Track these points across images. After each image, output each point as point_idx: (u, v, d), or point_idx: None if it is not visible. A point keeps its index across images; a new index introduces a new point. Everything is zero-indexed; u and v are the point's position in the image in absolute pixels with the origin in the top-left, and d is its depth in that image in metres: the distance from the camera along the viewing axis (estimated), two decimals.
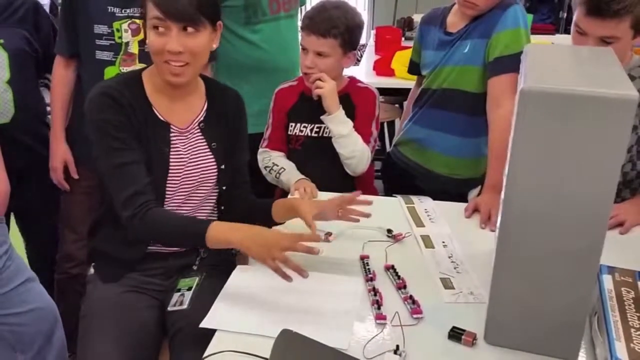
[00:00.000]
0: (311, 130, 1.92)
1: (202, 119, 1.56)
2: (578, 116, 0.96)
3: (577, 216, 1.01)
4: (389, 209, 1.75)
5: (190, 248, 1.56)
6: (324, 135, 1.90)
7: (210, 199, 1.59)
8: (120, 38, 1.92)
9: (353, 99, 1.91)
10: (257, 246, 1.29)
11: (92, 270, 1.60)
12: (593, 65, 1.15)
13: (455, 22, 1.97)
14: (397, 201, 1.80)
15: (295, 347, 1.06)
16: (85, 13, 1.93)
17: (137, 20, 1.91)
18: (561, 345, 1.11)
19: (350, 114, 1.86)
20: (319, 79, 1.81)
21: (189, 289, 1.50)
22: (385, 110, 3.53)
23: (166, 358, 1.46)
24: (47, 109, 2.15)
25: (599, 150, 0.97)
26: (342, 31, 1.80)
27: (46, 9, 2.27)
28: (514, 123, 1.01)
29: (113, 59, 1.94)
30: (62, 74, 2.04)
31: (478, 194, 1.93)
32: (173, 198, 1.51)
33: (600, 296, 1.16)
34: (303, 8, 2.61)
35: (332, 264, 1.45)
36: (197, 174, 1.54)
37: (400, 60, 3.14)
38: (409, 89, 2.31)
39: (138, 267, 1.54)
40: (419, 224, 1.65)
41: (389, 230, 1.59)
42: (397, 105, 3.70)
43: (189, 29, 1.41)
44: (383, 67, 3.31)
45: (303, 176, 1.85)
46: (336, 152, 1.86)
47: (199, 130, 1.55)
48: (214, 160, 1.56)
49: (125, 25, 1.92)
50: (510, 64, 1.77)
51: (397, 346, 1.13)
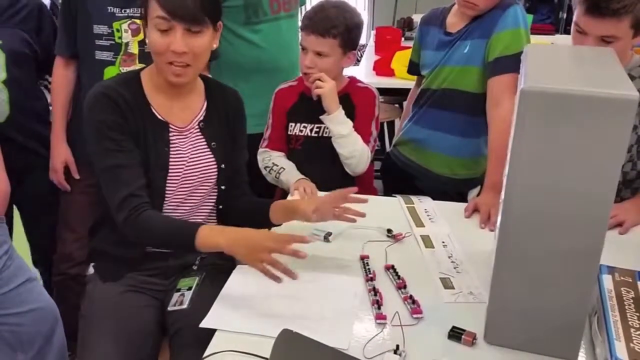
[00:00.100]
0: (311, 130, 1.92)
1: (202, 118, 1.56)
2: (578, 116, 0.96)
3: (577, 216, 1.01)
4: (388, 209, 1.75)
5: (181, 251, 1.54)
6: (324, 135, 1.90)
7: (209, 199, 1.59)
8: (120, 38, 1.92)
9: (353, 99, 1.91)
10: (244, 249, 1.30)
11: (92, 270, 1.59)
12: (593, 65, 1.15)
13: (455, 23, 1.97)
14: (397, 201, 1.80)
15: (295, 347, 1.06)
16: (85, 13, 1.93)
17: (137, 21, 1.91)
18: (561, 345, 1.11)
19: (350, 114, 1.86)
20: (319, 79, 1.81)
21: (189, 288, 1.50)
22: (385, 110, 3.53)
23: (166, 358, 1.46)
24: (50, 108, 2.15)
25: (599, 150, 0.97)
26: (342, 31, 1.80)
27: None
28: (514, 123, 1.01)
29: (113, 59, 1.93)
30: (62, 74, 2.04)
31: (478, 194, 1.93)
32: (173, 198, 1.51)
33: (600, 296, 1.16)
34: (303, 8, 2.61)
35: (332, 264, 1.46)
36: (197, 174, 1.54)
37: (400, 60, 3.14)
38: (408, 89, 2.31)
39: (138, 267, 1.54)
40: (419, 224, 1.65)
41: (389, 230, 1.59)
42: (397, 105, 3.70)
43: (193, 29, 1.41)
44: (383, 67, 3.31)
45: (303, 176, 1.85)
46: (336, 152, 1.86)
47: (198, 130, 1.55)
48: (213, 159, 1.56)
49: (125, 26, 1.92)
50: (510, 64, 1.77)
51: (397, 346, 1.13)
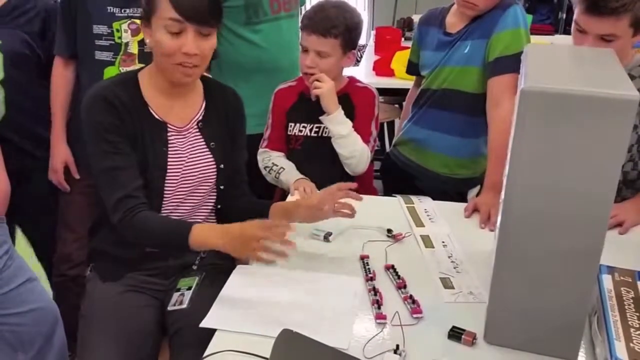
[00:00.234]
0: (310, 130, 1.92)
1: (201, 118, 1.56)
2: (578, 116, 0.96)
3: (577, 216, 1.01)
4: (388, 209, 1.75)
5: (176, 251, 1.54)
6: (324, 135, 1.90)
7: (209, 199, 1.59)
8: (120, 38, 1.92)
9: (352, 98, 1.91)
10: (236, 243, 1.32)
11: (91, 270, 1.59)
12: (593, 65, 1.16)
13: (454, 23, 1.97)
14: (397, 201, 1.80)
15: (295, 347, 1.06)
16: (85, 13, 1.92)
17: (137, 21, 1.90)
18: (561, 345, 1.11)
19: (349, 113, 1.86)
20: (317, 79, 1.81)
21: (189, 288, 1.50)
22: (385, 110, 3.53)
23: (166, 357, 1.46)
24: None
25: (599, 150, 0.97)
26: (342, 31, 1.80)
27: None
28: (514, 123, 1.01)
29: (113, 59, 1.93)
30: (62, 74, 2.03)
31: (477, 194, 1.93)
32: (172, 198, 1.51)
33: (600, 296, 1.17)
34: (303, 8, 2.60)
35: (332, 264, 1.46)
36: (196, 174, 1.53)
37: (400, 60, 3.14)
38: (408, 89, 2.30)
39: (138, 267, 1.54)
40: (419, 223, 1.65)
41: (389, 230, 1.59)
42: (397, 105, 3.70)
43: (204, 32, 1.42)
44: (383, 68, 3.31)
45: (302, 176, 1.85)
46: (336, 152, 1.86)
47: (197, 130, 1.55)
48: (212, 159, 1.56)
49: (125, 26, 1.92)
50: (510, 64, 1.77)
51: (397, 346, 1.13)
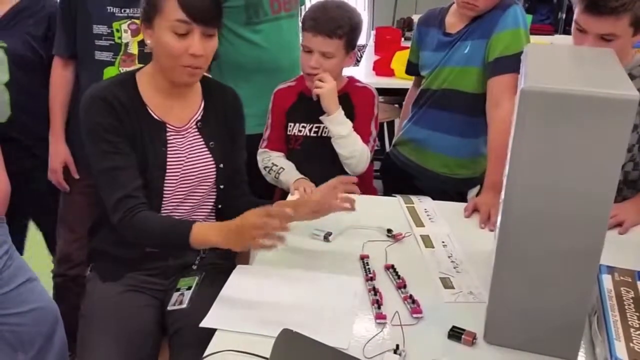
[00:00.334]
0: (310, 130, 1.92)
1: (199, 118, 1.56)
2: (578, 116, 0.96)
3: (577, 216, 1.01)
4: (388, 209, 1.75)
5: (176, 251, 1.55)
6: (323, 135, 1.90)
7: (209, 199, 1.59)
8: (120, 38, 1.92)
9: (352, 98, 1.91)
10: (234, 237, 1.31)
11: (91, 270, 1.59)
12: (593, 65, 1.16)
13: (454, 23, 1.97)
14: (397, 201, 1.80)
15: (295, 347, 1.06)
16: (85, 13, 1.92)
17: (137, 21, 1.90)
18: (561, 345, 1.11)
19: (349, 113, 1.86)
20: (320, 79, 1.81)
21: (189, 288, 1.50)
22: (385, 110, 3.53)
23: (166, 357, 1.46)
24: None
25: (599, 150, 0.97)
26: (347, 31, 1.80)
27: None
28: (514, 123, 1.01)
29: (112, 60, 1.93)
30: (61, 74, 2.03)
31: (477, 194, 1.93)
32: (172, 198, 1.51)
33: (599, 296, 1.17)
34: (302, 8, 2.60)
35: (332, 264, 1.46)
36: (195, 174, 1.54)
37: (400, 60, 3.14)
38: (408, 89, 2.31)
39: (138, 267, 1.54)
40: (419, 223, 1.65)
41: (389, 230, 1.59)
42: (397, 105, 3.70)
43: (209, 33, 1.42)
44: (383, 68, 3.31)
45: (302, 176, 1.84)
46: (335, 152, 1.86)
47: (196, 130, 1.55)
48: (212, 159, 1.56)
49: (125, 26, 1.91)
50: (510, 64, 1.78)
51: (397, 346, 1.13)
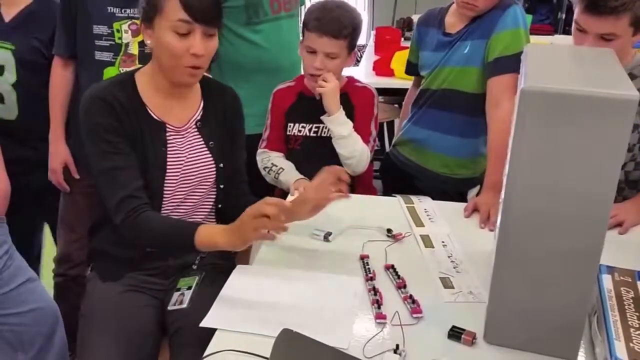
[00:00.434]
0: (310, 130, 1.92)
1: (199, 118, 1.56)
2: (578, 116, 0.96)
3: (577, 216, 1.01)
4: (388, 209, 1.75)
5: (181, 252, 1.55)
6: (323, 135, 1.90)
7: (209, 199, 1.59)
8: (120, 39, 1.92)
9: (352, 98, 1.90)
10: (237, 235, 1.29)
11: (91, 270, 1.59)
12: (593, 65, 1.16)
13: (454, 23, 1.97)
14: (397, 201, 1.80)
15: (295, 347, 1.06)
16: (85, 13, 1.92)
17: (138, 21, 1.90)
18: (561, 345, 1.11)
19: (349, 113, 1.86)
20: (324, 79, 1.81)
21: (189, 288, 1.50)
22: (385, 110, 3.53)
23: (166, 357, 1.46)
24: None
25: (599, 150, 0.97)
26: (351, 31, 1.81)
27: None
28: (514, 123, 1.01)
29: (113, 60, 1.93)
30: (61, 74, 2.03)
31: (477, 194, 1.93)
32: (172, 198, 1.51)
33: (599, 296, 1.17)
34: (302, 8, 2.60)
35: (332, 264, 1.46)
36: (195, 174, 1.54)
37: (400, 60, 3.14)
38: (408, 89, 2.31)
39: (138, 267, 1.54)
40: (419, 223, 1.65)
41: (389, 230, 1.59)
42: (397, 105, 3.70)
43: (210, 32, 1.42)
44: (382, 68, 3.31)
45: (302, 176, 1.84)
46: (335, 152, 1.86)
47: (195, 129, 1.55)
48: (211, 158, 1.56)
49: (125, 26, 1.91)
50: (510, 64, 1.78)
51: (397, 345, 1.13)
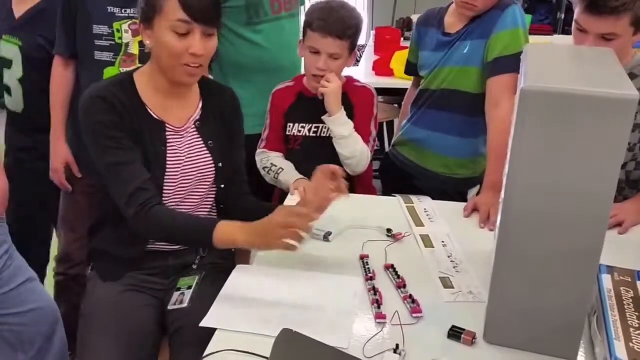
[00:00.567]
0: (309, 130, 1.92)
1: (198, 117, 1.56)
2: (578, 116, 0.96)
3: (577, 216, 1.02)
4: (388, 209, 1.75)
5: (195, 247, 1.56)
6: (323, 135, 1.90)
7: (208, 198, 1.59)
8: (120, 39, 1.91)
9: (351, 98, 1.90)
10: (260, 238, 1.31)
11: (91, 270, 1.59)
12: (593, 65, 1.16)
13: (453, 23, 1.97)
14: (397, 201, 1.80)
15: (295, 347, 1.06)
16: (85, 13, 1.92)
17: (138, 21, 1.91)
18: (561, 345, 1.11)
19: (348, 113, 1.86)
20: (327, 80, 1.81)
21: (189, 288, 1.51)
22: (385, 110, 3.52)
23: (166, 357, 1.46)
24: None
25: (599, 150, 0.97)
26: (354, 32, 1.81)
27: None
28: (514, 123, 1.01)
29: (113, 60, 1.93)
30: (61, 74, 2.03)
31: (477, 194, 1.93)
32: (171, 198, 1.51)
33: (599, 296, 1.17)
34: (302, 8, 2.60)
35: (332, 264, 1.46)
36: (194, 173, 1.54)
37: (400, 60, 3.14)
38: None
39: (138, 266, 1.54)
40: (419, 223, 1.65)
41: (389, 230, 1.59)
42: (397, 105, 3.70)
43: (209, 32, 1.43)
44: (382, 68, 3.31)
45: (302, 176, 1.84)
46: (335, 152, 1.86)
47: (194, 129, 1.55)
48: (211, 158, 1.56)
49: (125, 26, 1.91)
50: (509, 64, 1.78)
51: (397, 345, 1.14)
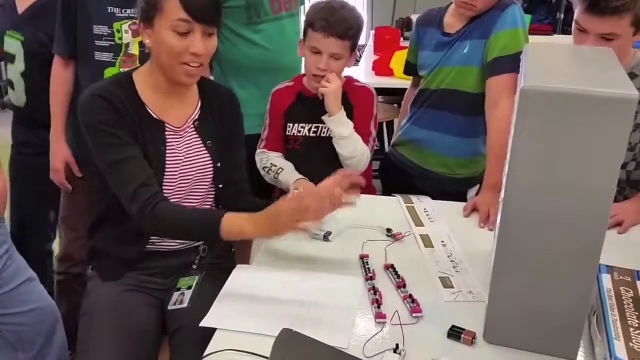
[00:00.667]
0: (309, 130, 1.92)
1: (197, 117, 1.57)
2: (578, 116, 0.96)
3: (577, 216, 1.02)
4: (388, 209, 1.75)
5: (201, 240, 1.57)
6: (322, 135, 1.90)
7: (208, 198, 1.60)
8: (120, 39, 1.91)
9: (350, 98, 1.90)
10: (271, 227, 1.31)
11: (92, 270, 1.59)
12: (593, 65, 1.16)
13: (453, 23, 1.97)
14: (397, 201, 1.80)
15: (295, 347, 1.06)
16: (85, 13, 1.92)
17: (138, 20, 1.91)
18: (561, 345, 1.11)
19: (348, 113, 1.85)
20: (327, 80, 1.80)
21: (189, 287, 1.51)
22: (385, 110, 3.53)
23: (166, 357, 1.46)
24: None
25: (599, 150, 0.97)
26: (356, 32, 1.81)
27: None
28: (514, 123, 1.01)
29: (113, 60, 1.93)
30: (61, 74, 2.03)
31: (477, 193, 1.93)
32: (171, 198, 1.51)
33: (599, 296, 1.17)
34: (303, 8, 2.60)
35: (332, 263, 1.46)
36: (193, 173, 1.54)
37: (399, 60, 3.14)
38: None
39: (138, 266, 1.54)
40: (419, 223, 1.65)
41: (389, 230, 1.59)
42: (396, 105, 3.70)
43: (209, 32, 1.43)
44: (382, 67, 3.31)
45: (302, 176, 1.84)
46: (335, 152, 1.85)
47: (193, 129, 1.56)
48: (209, 158, 1.56)
49: (125, 26, 1.91)
50: (509, 64, 1.78)
51: (397, 345, 1.14)
